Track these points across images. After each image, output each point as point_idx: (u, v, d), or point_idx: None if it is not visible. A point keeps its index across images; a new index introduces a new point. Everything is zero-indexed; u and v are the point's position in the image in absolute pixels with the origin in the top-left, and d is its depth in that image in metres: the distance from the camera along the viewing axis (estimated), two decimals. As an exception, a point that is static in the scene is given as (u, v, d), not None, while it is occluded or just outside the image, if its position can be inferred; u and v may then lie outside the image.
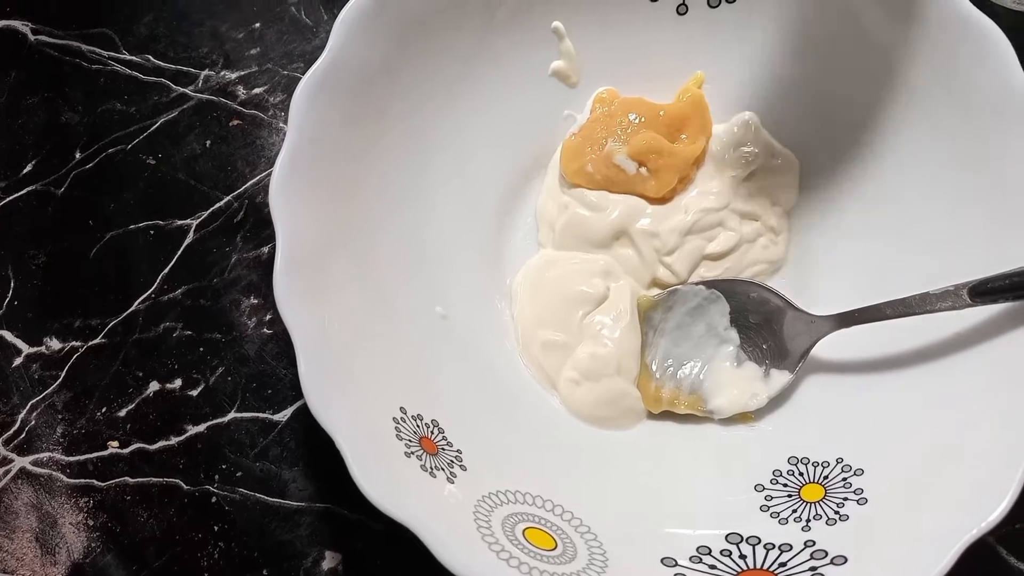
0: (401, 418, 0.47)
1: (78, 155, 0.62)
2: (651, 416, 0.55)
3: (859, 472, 0.48)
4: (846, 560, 0.43)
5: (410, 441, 0.46)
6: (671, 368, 0.55)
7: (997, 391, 0.46)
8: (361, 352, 0.47)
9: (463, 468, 0.47)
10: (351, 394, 0.45)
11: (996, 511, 0.41)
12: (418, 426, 0.47)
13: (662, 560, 0.45)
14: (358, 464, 0.41)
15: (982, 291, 0.46)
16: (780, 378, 0.53)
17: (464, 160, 0.56)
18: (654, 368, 0.55)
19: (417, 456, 0.45)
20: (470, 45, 0.55)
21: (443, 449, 0.47)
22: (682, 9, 0.57)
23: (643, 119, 0.57)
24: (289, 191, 0.46)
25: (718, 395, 0.54)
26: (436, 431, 0.48)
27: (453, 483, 0.46)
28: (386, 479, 0.42)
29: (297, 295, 0.44)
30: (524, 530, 0.45)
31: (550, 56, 0.58)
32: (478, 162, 0.57)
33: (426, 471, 0.45)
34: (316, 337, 0.44)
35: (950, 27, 0.49)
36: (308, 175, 0.47)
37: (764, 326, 0.54)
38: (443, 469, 0.46)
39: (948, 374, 0.48)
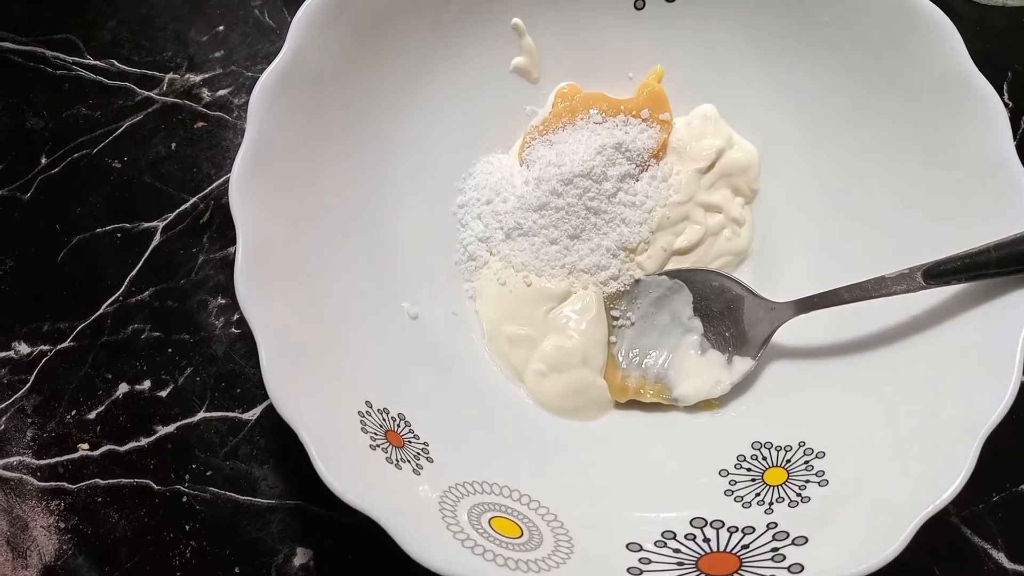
0: (367, 412, 0.46)
1: (44, 160, 0.61)
2: (618, 406, 0.55)
3: (821, 455, 0.48)
4: (807, 540, 0.44)
5: (375, 434, 0.46)
6: (637, 358, 0.55)
7: (952, 371, 0.46)
8: (325, 347, 0.47)
9: (430, 460, 0.47)
10: (315, 388, 0.44)
11: (951, 487, 0.41)
12: (384, 419, 0.47)
13: (627, 545, 0.45)
14: (321, 457, 0.41)
15: (935, 273, 0.46)
16: (742, 364, 0.53)
17: (426, 156, 0.56)
18: (620, 358, 0.55)
19: (383, 448, 0.45)
20: (429, 42, 0.55)
21: (409, 442, 0.47)
22: (639, 4, 0.57)
23: (604, 113, 0.57)
24: (249, 189, 0.46)
25: (683, 383, 0.54)
26: (403, 424, 0.48)
27: (419, 474, 0.45)
28: (350, 471, 0.42)
29: (258, 291, 0.44)
30: (490, 519, 0.45)
31: (511, 52, 0.58)
32: (440, 158, 0.57)
33: (391, 463, 0.45)
34: (278, 333, 0.44)
35: (897, 16, 0.49)
36: (268, 173, 0.47)
37: (727, 314, 0.54)
38: (409, 461, 0.46)
39: (905, 356, 0.49)
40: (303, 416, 0.42)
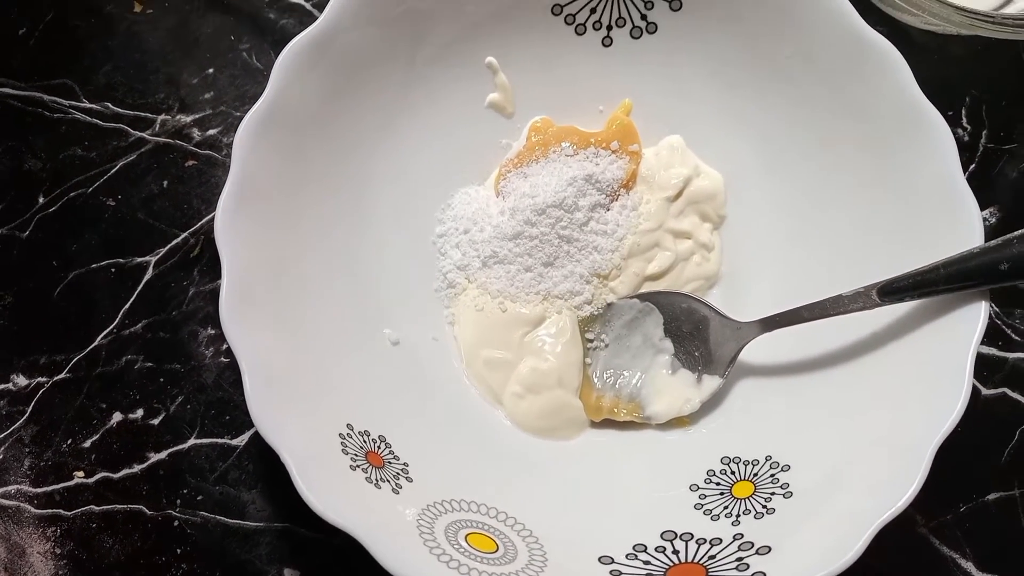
0: (348, 434, 0.48)
1: (41, 199, 0.63)
2: (593, 425, 0.56)
3: (786, 468, 0.49)
4: (770, 549, 0.45)
5: (356, 455, 0.47)
6: (611, 378, 0.56)
7: (908, 385, 0.48)
8: (307, 373, 0.48)
9: (409, 480, 0.48)
10: (297, 413, 0.46)
11: (905, 495, 0.42)
12: (364, 441, 0.48)
13: (599, 558, 0.46)
14: (302, 477, 0.42)
15: (889, 291, 0.48)
16: (711, 383, 0.54)
17: (406, 189, 0.57)
18: (595, 379, 0.56)
19: (363, 469, 0.46)
20: (407, 82, 0.56)
21: (389, 462, 0.48)
22: (607, 41, 0.58)
23: (575, 146, 0.59)
24: (233, 225, 0.47)
25: (655, 402, 0.55)
26: (383, 446, 0.49)
27: (398, 494, 0.47)
28: (330, 490, 0.43)
29: (242, 321, 0.46)
30: (467, 535, 0.46)
31: (486, 89, 0.59)
32: (419, 191, 0.58)
33: (371, 483, 0.46)
34: (262, 360, 0.45)
35: (851, 48, 0.51)
36: (251, 209, 0.48)
37: (695, 334, 0.55)
38: (388, 481, 0.47)
39: (864, 372, 0.50)
40: (285, 439, 0.43)
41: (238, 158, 0.48)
